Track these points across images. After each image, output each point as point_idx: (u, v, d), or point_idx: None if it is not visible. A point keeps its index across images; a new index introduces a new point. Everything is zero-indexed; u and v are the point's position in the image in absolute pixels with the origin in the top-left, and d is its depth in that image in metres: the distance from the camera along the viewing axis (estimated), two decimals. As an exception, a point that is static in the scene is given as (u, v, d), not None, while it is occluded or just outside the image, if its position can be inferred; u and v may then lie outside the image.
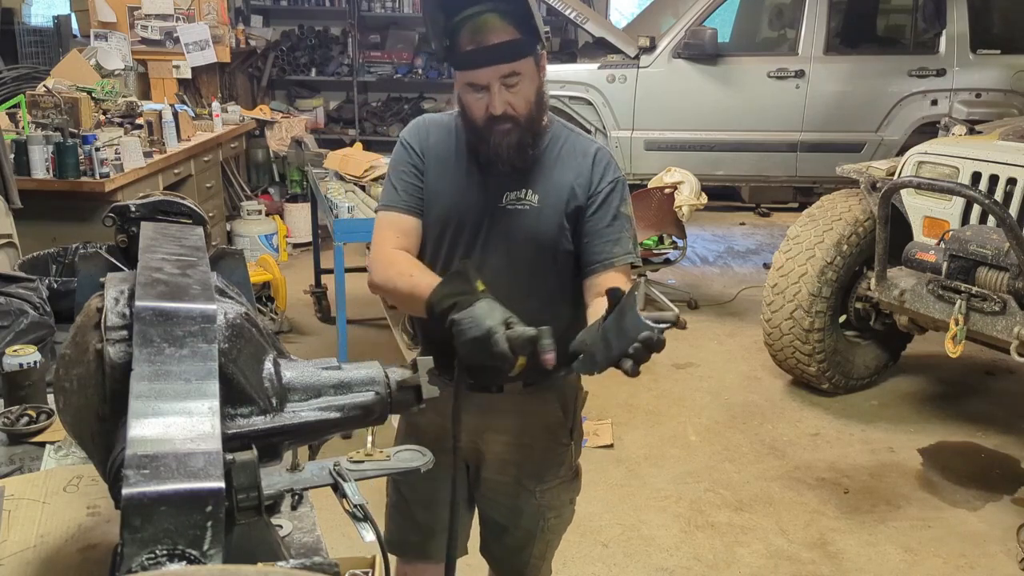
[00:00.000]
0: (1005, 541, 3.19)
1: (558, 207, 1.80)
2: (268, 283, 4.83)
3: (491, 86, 1.71)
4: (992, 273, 3.40)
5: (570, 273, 1.87)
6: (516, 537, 2.03)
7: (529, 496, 1.96)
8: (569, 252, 1.84)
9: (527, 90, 1.73)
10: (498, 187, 1.81)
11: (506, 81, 1.71)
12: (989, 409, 4.25)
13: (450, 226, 1.85)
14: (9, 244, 3.44)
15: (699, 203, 5.19)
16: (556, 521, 2.03)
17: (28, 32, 6.35)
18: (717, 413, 4.21)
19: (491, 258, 1.82)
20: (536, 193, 1.80)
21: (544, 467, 1.96)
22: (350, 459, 1.21)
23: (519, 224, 1.80)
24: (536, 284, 1.83)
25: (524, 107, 1.74)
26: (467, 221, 1.83)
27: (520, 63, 1.70)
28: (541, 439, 1.94)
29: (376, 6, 8.41)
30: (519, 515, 1.99)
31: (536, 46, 1.72)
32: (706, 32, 6.06)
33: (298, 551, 1.42)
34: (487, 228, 1.82)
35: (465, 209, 1.83)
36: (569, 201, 1.81)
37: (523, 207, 1.80)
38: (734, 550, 3.16)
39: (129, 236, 1.34)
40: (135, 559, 0.76)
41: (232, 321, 1.03)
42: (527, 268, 1.82)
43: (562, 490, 2.00)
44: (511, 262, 1.82)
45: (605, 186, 1.81)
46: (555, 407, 1.94)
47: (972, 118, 5.23)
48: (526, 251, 1.81)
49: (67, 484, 1.49)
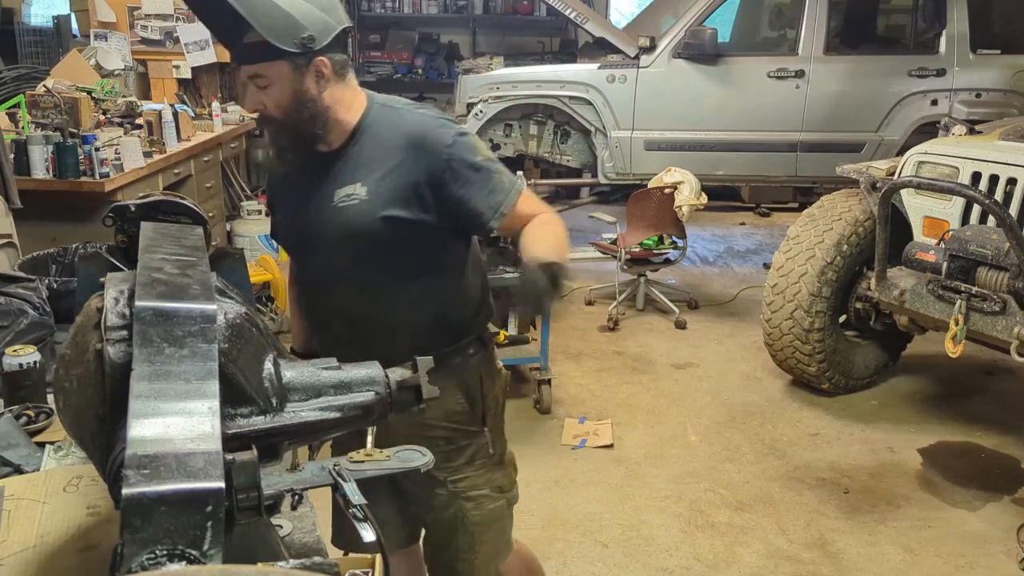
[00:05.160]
0: (1005, 541, 3.19)
1: (386, 195, 1.78)
2: (268, 283, 4.83)
3: (247, 85, 1.75)
4: (992, 273, 3.40)
5: (428, 248, 1.85)
6: (437, 534, 2.02)
7: (440, 486, 1.94)
8: (418, 231, 1.81)
9: (277, 94, 1.73)
10: (329, 187, 1.82)
11: (255, 81, 1.73)
12: (989, 409, 4.25)
13: (291, 242, 1.96)
14: (9, 244, 3.44)
15: (699, 203, 5.19)
16: (477, 512, 1.97)
17: (28, 32, 6.35)
18: (717, 413, 4.21)
19: (336, 259, 1.84)
20: (364, 185, 1.79)
21: (451, 456, 1.93)
22: (350, 459, 1.21)
23: (349, 218, 1.79)
24: (386, 269, 1.83)
25: (275, 110, 1.75)
26: (304, 231, 1.87)
27: (263, 66, 1.71)
28: (444, 428, 1.91)
29: (376, 6, 8.41)
30: (435, 508, 1.98)
31: (287, 52, 1.69)
32: (706, 32, 6.05)
33: (298, 551, 1.42)
34: (322, 231, 1.83)
35: (302, 221, 1.87)
36: (398, 188, 1.78)
37: (353, 202, 1.79)
38: (734, 550, 3.16)
39: (129, 236, 1.34)
40: (135, 559, 0.76)
41: (232, 321, 1.03)
42: (371, 257, 1.82)
43: (478, 479, 1.96)
44: (353, 256, 1.83)
45: (443, 155, 1.78)
46: (455, 395, 1.91)
47: (972, 118, 5.23)
48: (362, 241, 1.80)
49: (67, 484, 1.49)
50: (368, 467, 1.21)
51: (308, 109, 1.76)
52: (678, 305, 5.39)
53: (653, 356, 4.81)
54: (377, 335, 1.84)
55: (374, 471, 1.21)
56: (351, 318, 1.87)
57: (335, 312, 1.89)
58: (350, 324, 1.87)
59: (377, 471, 1.22)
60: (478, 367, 1.96)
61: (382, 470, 1.22)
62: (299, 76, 1.73)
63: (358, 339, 1.84)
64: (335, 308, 1.89)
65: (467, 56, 7.90)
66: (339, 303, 1.88)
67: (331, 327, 1.92)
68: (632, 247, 5.27)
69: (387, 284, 1.84)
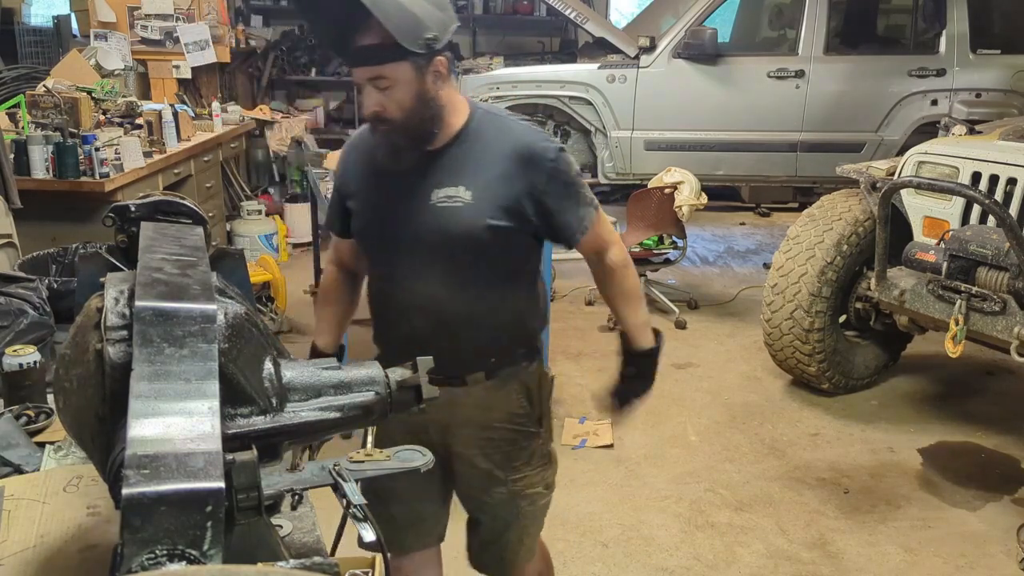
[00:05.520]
0: (1005, 541, 3.19)
1: (493, 201, 1.81)
2: (268, 283, 4.84)
3: (364, 87, 1.74)
4: (992, 273, 3.40)
5: (519, 256, 1.92)
6: (492, 528, 2.08)
7: (500, 485, 2.00)
8: (514, 240, 1.86)
9: (400, 95, 1.72)
10: (426, 186, 1.83)
11: (375, 84, 1.72)
12: (989, 409, 4.25)
13: (375, 236, 1.93)
14: (9, 244, 3.44)
15: (699, 203, 5.19)
16: (530, 508, 2.06)
17: (28, 32, 6.35)
18: (717, 413, 4.21)
19: (426, 257, 1.85)
20: (469, 189, 1.81)
21: (513, 456, 1.99)
22: (350, 459, 1.21)
23: (452, 221, 1.81)
24: (480, 274, 1.86)
25: (397, 112, 1.74)
26: (394, 226, 1.87)
27: (387, 68, 1.70)
28: (507, 430, 1.97)
29: (376, 6, 8.40)
30: (492, 506, 2.04)
31: (412, 53, 1.68)
32: (706, 32, 6.06)
33: (298, 551, 1.42)
34: (417, 228, 1.84)
35: (390, 215, 1.87)
36: (503, 196, 1.81)
37: (455, 204, 1.81)
38: (734, 550, 3.16)
39: (129, 236, 1.34)
40: (135, 559, 0.76)
41: (232, 321, 1.03)
42: (468, 261, 1.84)
43: (534, 477, 2.03)
44: (450, 257, 1.84)
45: (546, 170, 1.82)
46: (519, 397, 1.97)
47: (972, 118, 5.23)
48: (463, 245, 1.82)
49: (67, 484, 1.49)
50: (368, 467, 1.21)
51: (429, 109, 1.77)
52: (678, 305, 5.39)
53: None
54: (454, 334, 1.87)
55: (374, 471, 1.21)
56: (430, 316, 1.88)
57: (415, 309, 1.89)
58: (428, 321, 1.88)
59: (377, 471, 1.22)
60: (537, 371, 2.02)
61: (382, 470, 1.22)
62: (421, 76, 1.73)
63: (432, 337, 1.86)
64: (415, 305, 1.89)
65: (467, 56, 7.89)
66: (421, 300, 1.89)
67: (407, 323, 1.92)
68: (632, 247, 5.27)
69: (474, 286, 1.87)
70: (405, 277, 1.90)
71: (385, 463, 1.22)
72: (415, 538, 2.10)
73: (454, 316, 1.87)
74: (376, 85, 1.72)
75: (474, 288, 1.86)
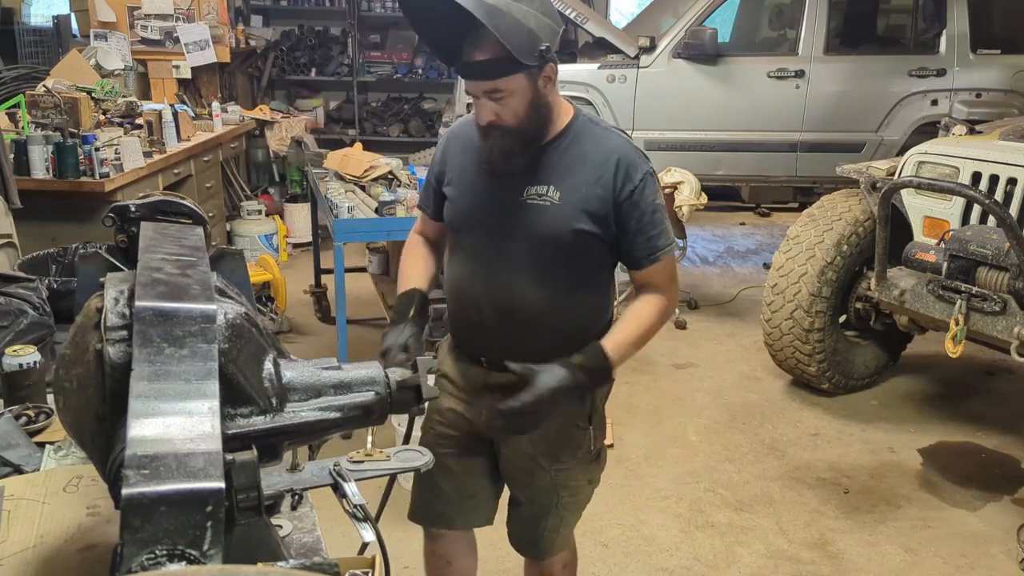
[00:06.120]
0: (1005, 541, 3.19)
1: (579, 205, 1.85)
2: (268, 283, 4.83)
3: (479, 98, 1.80)
4: (992, 273, 3.40)
5: (595, 263, 1.94)
6: (531, 511, 2.11)
7: (544, 473, 2.03)
8: (594, 246, 1.89)
9: (515, 104, 1.79)
10: (519, 183, 1.88)
11: (490, 96, 1.78)
12: (989, 409, 4.25)
13: (466, 223, 1.97)
14: (9, 244, 3.44)
15: (699, 203, 5.18)
16: (571, 499, 2.09)
17: (28, 32, 6.36)
18: (717, 413, 4.20)
19: (510, 249, 1.89)
20: (558, 190, 1.86)
21: (559, 448, 2.02)
22: (350, 459, 1.21)
23: (538, 219, 1.86)
24: (556, 274, 1.90)
25: (512, 119, 1.80)
26: (484, 216, 1.93)
27: (502, 81, 1.75)
28: (557, 424, 1.98)
29: (376, 6, 8.40)
30: (534, 490, 2.08)
31: (527, 65, 1.75)
32: (706, 32, 6.05)
33: (298, 551, 1.42)
34: (505, 222, 1.89)
35: (482, 205, 1.93)
36: (591, 200, 1.86)
37: (543, 203, 1.86)
38: (734, 550, 3.16)
39: (129, 236, 1.34)
40: (135, 559, 0.76)
41: (232, 321, 1.03)
42: (547, 259, 1.89)
43: (578, 471, 2.06)
44: (530, 254, 1.89)
45: (635, 184, 1.86)
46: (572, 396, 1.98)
47: (972, 118, 5.23)
48: (545, 244, 1.88)
49: (67, 484, 1.49)
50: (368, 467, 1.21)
51: (542, 115, 1.84)
52: (678, 305, 5.39)
53: (653, 356, 4.80)
54: (522, 330, 1.91)
55: (374, 471, 1.21)
56: (501, 308, 1.91)
57: (488, 299, 1.93)
58: (497, 313, 1.92)
59: (377, 471, 1.22)
60: None
61: (382, 470, 1.23)
62: (533, 84, 1.80)
63: (498, 328, 1.91)
64: (490, 295, 1.92)
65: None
66: (495, 292, 1.92)
67: (476, 312, 1.95)
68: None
69: (549, 285, 1.90)
70: (485, 267, 1.93)
71: (385, 463, 1.23)
72: (462, 515, 2.14)
73: (524, 312, 1.90)
74: (491, 97, 1.78)
75: (549, 287, 1.89)
